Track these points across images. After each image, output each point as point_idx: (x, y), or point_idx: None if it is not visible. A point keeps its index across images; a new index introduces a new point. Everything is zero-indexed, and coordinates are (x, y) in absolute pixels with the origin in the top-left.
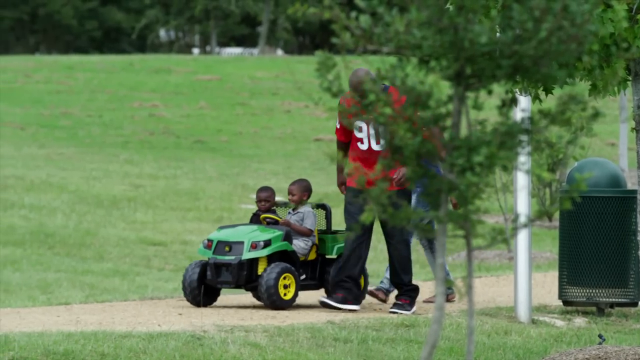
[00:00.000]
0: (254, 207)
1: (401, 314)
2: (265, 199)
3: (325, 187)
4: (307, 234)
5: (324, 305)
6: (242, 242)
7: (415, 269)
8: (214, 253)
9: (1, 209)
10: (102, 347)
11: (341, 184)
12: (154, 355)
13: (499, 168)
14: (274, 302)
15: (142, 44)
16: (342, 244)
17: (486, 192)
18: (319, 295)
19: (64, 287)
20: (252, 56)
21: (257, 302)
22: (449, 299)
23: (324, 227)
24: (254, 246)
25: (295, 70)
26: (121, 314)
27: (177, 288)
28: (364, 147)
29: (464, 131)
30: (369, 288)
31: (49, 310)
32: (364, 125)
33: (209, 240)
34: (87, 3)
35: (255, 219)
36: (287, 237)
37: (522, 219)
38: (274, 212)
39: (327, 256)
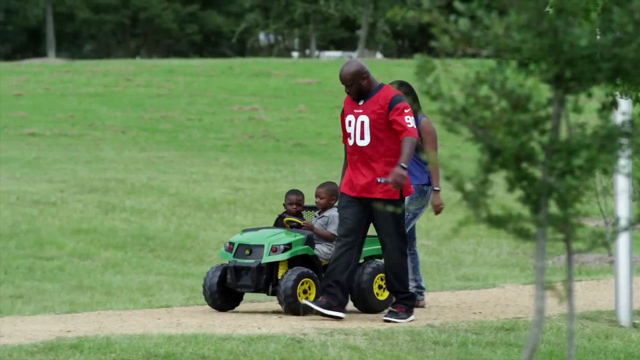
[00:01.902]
0: None
1: (395, 322)
2: (296, 202)
3: None
4: (330, 238)
5: (306, 308)
6: (262, 246)
7: (514, 272)
8: (234, 256)
9: (103, 212)
10: (202, 349)
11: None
12: (254, 358)
13: (599, 171)
14: (292, 307)
15: (242, 48)
16: (369, 248)
17: (586, 196)
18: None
19: (165, 290)
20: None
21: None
22: (418, 304)
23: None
24: (274, 250)
25: (394, 73)
26: (221, 317)
27: None
28: (350, 142)
29: (563, 134)
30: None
31: (150, 312)
32: (353, 119)
33: (230, 243)
34: (188, 7)
35: (280, 222)
36: (309, 241)
37: (623, 223)
38: (300, 215)
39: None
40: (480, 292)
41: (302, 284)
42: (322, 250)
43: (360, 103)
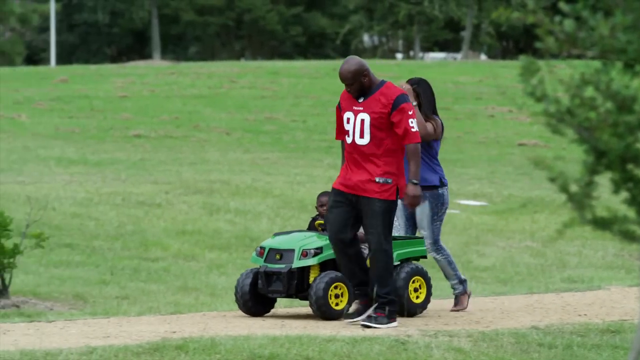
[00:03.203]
0: (456, 212)
1: (373, 327)
2: (323, 204)
3: (529, 191)
4: (362, 240)
5: (364, 325)
6: (292, 250)
7: (620, 274)
8: (265, 261)
9: (207, 214)
10: (306, 350)
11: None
12: (358, 359)
13: None
14: (323, 312)
15: (346, 49)
16: (404, 250)
17: None
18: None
19: None
20: (455, 61)
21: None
22: (461, 300)
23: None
24: (305, 254)
25: (498, 74)
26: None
27: None
28: (349, 140)
29: None
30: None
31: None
32: (352, 117)
33: (261, 247)
34: (292, 9)
35: (313, 225)
36: None
37: None
38: None
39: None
40: (585, 294)
41: (334, 288)
42: None
43: (360, 100)
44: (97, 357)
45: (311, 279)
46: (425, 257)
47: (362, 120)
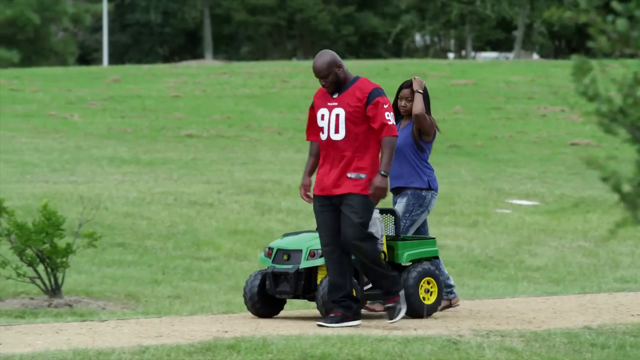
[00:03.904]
0: (509, 212)
1: (326, 326)
2: None
3: (582, 191)
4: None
5: (322, 326)
6: (300, 250)
7: None
8: (273, 261)
9: (259, 213)
10: (358, 350)
11: (301, 186)
12: (410, 359)
13: None
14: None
15: (398, 49)
16: (414, 251)
17: None
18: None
19: None
20: (507, 60)
21: (513, 306)
22: (451, 303)
23: (393, 234)
24: (312, 254)
25: (551, 74)
26: (377, 318)
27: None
28: (324, 136)
29: None
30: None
31: (307, 313)
32: (326, 113)
33: (269, 248)
34: (344, 8)
35: None
36: None
37: None
38: None
39: (400, 263)
40: (638, 294)
41: None
42: None
43: (335, 96)
44: (149, 357)
45: (319, 280)
46: (437, 257)
47: (337, 115)
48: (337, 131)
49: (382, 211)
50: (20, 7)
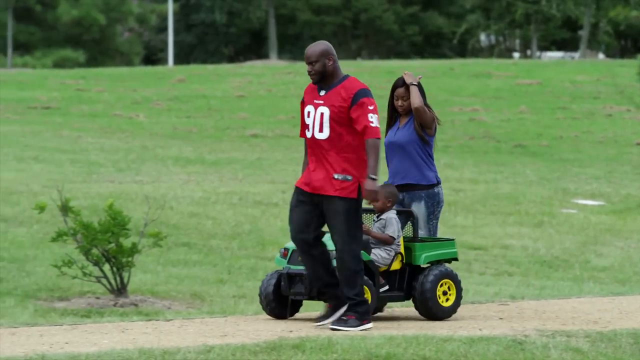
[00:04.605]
0: (574, 212)
1: (343, 330)
2: None
3: None
4: (388, 242)
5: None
6: None
7: None
8: (288, 262)
9: None
10: (423, 350)
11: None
12: (475, 359)
13: None
14: None
15: (463, 49)
16: (432, 253)
17: None
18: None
19: None
20: (573, 60)
21: (579, 306)
22: None
23: (411, 235)
24: None
25: (616, 73)
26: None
27: (498, 292)
28: (309, 134)
29: None
30: None
31: None
32: (312, 110)
33: (285, 249)
34: (408, 8)
35: None
36: (364, 246)
37: None
38: None
39: (418, 265)
40: None
41: None
42: (380, 254)
43: (322, 93)
44: (214, 356)
45: None
46: (456, 259)
47: (322, 114)
48: (321, 130)
49: (400, 213)
50: (86, 7)
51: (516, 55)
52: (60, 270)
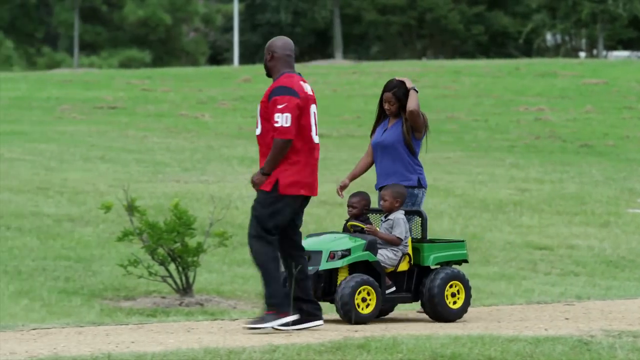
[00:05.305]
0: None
1: (260, 327)
2: (352, 204)
3: None
4: (395, 242)
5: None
6: (320, 252)
7: None
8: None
9: None
10: (488, 350)
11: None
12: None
13: None
14: (349, 316)
15: (529, 48)
16: (440, 254)
17: None
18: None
19: None
20: (639, 60)
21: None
22: None
23: (419, 236)
24: (332, 256)
25: None
26: (507, 318)
27: (564, 292)
28: (257, 132)
29: None
30: None
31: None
32: (258, 107)
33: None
34: (474, 8)
35: (346, 227)
36: (371, 247)
37: None
38: (366, 219)
39: (426, 266)
40: None
41: (360, 292)
42: (387, 255)
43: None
44: (279, 356)
45: (338, 282)
46: (466, 261)
47: (259, 111)
48: (257, 126)
49: (408, 213)
50: (152, 7)
51: (582, 54)
52: (126, 270)
